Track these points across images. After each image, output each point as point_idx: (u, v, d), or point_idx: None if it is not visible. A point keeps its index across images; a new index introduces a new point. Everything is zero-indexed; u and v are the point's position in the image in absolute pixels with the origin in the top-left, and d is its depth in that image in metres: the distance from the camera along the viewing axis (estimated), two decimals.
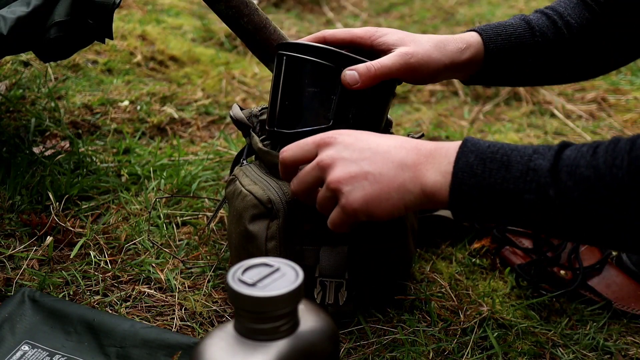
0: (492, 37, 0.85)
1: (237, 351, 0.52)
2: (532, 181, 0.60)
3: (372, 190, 0.67)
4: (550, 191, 0.59)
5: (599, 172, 0.58)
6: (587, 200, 0.58)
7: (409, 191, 0.66)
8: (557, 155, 0.61)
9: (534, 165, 0.61)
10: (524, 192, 0.60)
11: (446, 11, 2.10)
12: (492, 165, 0.62)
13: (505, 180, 0.61)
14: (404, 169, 0.66)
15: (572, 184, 0.59)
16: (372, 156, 0.68)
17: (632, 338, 0.88)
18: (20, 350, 0.76)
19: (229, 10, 0.93)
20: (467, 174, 0.63)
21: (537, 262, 0.96)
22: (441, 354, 0.83)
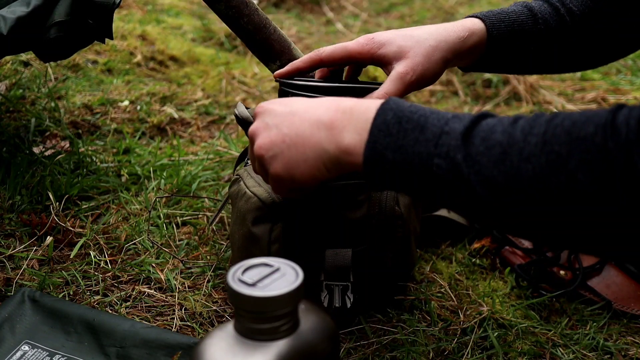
0: (495, 23, 0.83)
1: (237, 351, 0.52)
2: (443, 144, 0.56)
3: (290, 153, 0.65)
4: (459, 155, 0.55)
5: (513, 138, 0.53)
6: (496, 168, 0.53)
7: (325, 150, 0.63)
8: (476, 120, 0.56)
9: (449, 128, 0.56)
10: (434, 155, 0.56)
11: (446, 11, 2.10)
12: (407, 125, 0.58)
13: (418, 142, 0.57)
14: (319, 127, 0.63)
15: (482, 149, 0.54)
16: (291, 118, 0.65)
17: (632, 338, 0.88)
18: (20, 350, 0.76)
19: (229, 10, 0.93)
20: (383, 132, 0.59)
21: (537, 262, 0.96)
22: (441, 354, 0.83)
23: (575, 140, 0.51)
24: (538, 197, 0.52)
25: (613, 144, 0.49)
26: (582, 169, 0.50)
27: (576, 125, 0.51)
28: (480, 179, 0.54)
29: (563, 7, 0.86)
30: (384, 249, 0.85)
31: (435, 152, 0.56)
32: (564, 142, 0.51)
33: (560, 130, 0.52)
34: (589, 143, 0.50)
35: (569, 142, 0.51)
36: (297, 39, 1.83)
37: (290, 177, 0.65)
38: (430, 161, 0.56)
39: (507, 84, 1.58)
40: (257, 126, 0.68)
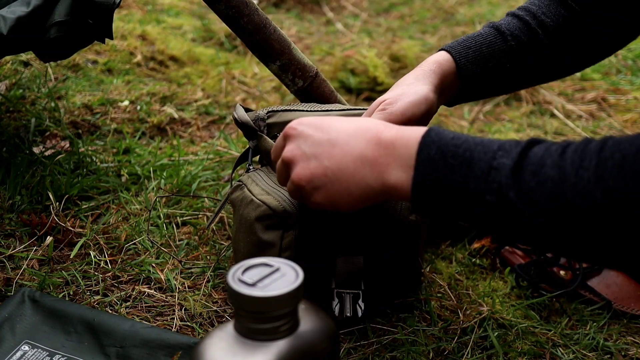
0: (461, 51, 0.83)
1: (237, 351, 0.52)
2: (493, 181, 0.56)
3: (333, 187, 0.64)
4: (511, 193, 0.55)
5: (565, 173, 0.53)
6: (550, 204, 0.54)
7: (370, 187, 0.63)
8: (523, 153, 0.56)
9: (497, 163, 0.56)
10: (485, 192, 0.56)
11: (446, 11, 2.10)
12: (454, 161, 0.58)
13: (467, 179, 0.57)
14: (364, 163, 0.63)
15: (534, 185, 0.54)
16: (331, 149, 0.65)
17: (632, 338, 0.88)
18: (20, 350, 0.76)
19: (229, 10, 0.93)
20: (429, 169, 0.59)
21: (537, 262, 0.96)
22: (441, 353, 0.83)
23: (628, 174, 0.51)
24: (593, 228, 0.53)
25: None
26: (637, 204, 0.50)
27: (627, 158, 0.51)
28: (535, 216, 0.54)
29: (534, 20, 0.86)
30: (396, 256, 0.85)
31: (485, 189, 0.56)
32: (617, 177, 0.51)
33: (612, 164, 0.52)
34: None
35: (621, 177, 0.51)
36: (297, 39, 1.83)
37: (332, 206, 0.66)
38: (481, 198, 0.57)
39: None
40: (293, 153, 0.67)
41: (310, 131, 0.67)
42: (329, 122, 0.67)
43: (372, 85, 1.55)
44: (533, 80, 0.92)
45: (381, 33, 1.92)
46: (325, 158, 0.65)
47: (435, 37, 1.89)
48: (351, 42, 1.83)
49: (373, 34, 1.91)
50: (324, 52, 1.73)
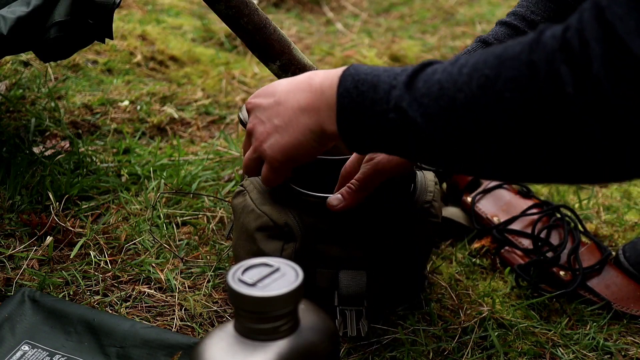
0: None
1: (237, 351, 0.52)
2: (392, 98, 0.57)
3: (285, 141, 0.68)
4: (404, 102, 0.56)
5: (451, 74, 0.54)
6: (436, 104, 0.54)
7: (313, 132, 0.66)
8: (421, 67, 0.57)
9: (396, 82, 0.57)
10: (388, 111, 0.57)
11: (446, 11, 2.10)
12: (363, 87, 0.60)
13: (374, 102, 0.58)
14: (302, 111, 0.66)
15: (424, 91, 0.55)
16: (277, 107, 0.69)
17: (632, 338, 0.88)
18: (20, 350, 0.76)
19: (229, 10, 0.93)
20: (346, 100, 0.61)
21: (537, 262, 0.96)
22: (441, 353, 0.83)
23: (503, 62, 0.51)
24: (473, 124, 0.52)
25: (537, 56, 0.49)
26: (508, 87, 0.50)
27: (506, 48, 0.51)
28: (426, 118, 0.55)
29: (523, 22, 0.86)
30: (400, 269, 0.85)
31: (388, 108, 0.57)
32: (492, 66, 0.51)
33: (491, 56, 0.52)
34: (515, 61, 0.50)
35: (497, 65, 0.51)
36: (297, 39, 1.83)
37: (289, 159, 0.69)
38: (386, 117, 0.57)
39: None
40: (252, 123, 0.72)
41: (262, 100, 0.72)
42: (274, 86, 0.72)
43: None
44: None
45: (381, 33, 1.92)
46: (274, 117, 0.69)
47: (435, 37, 1.89)
48: (351, 42, 1.83)
49: (373, 34, 1.91)
50: (324, 52, 1.73)
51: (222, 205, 1.06)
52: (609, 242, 1.06)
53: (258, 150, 0.71)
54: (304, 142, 0.67)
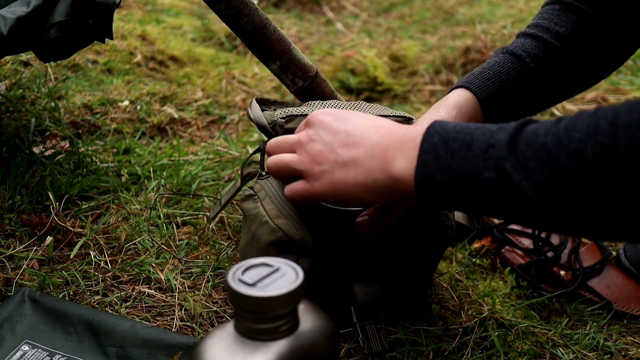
0: (480, 85, 0.81)
1: (237, 351, 0.52)
2: (491, 158, 0.56)
3: (340, 174, 0.66)
4: (507, 165, 0.55)
5: (558, 137, 0.53)
6: (545, 170, 0.53)
7: (377, 179, 0.64)
8: (519, 127, 0.56)
9: (494, 140, 0.56)
10: (483, 170, 0.56)
11: (446, 11, 2.10)
12: (454, 144, 0.58)
13: (466, 159, 0.57)
14: (373, 155, 0.64)
15: (530, 154, 0.54)
16: (346, 139, 0.66)
17: (632, 338, 0.88)
18: (20, 350, 0.76)
19: (229, 10, 0.93)
20: (430, 155, 0.60)
21: (537, 262, 0.96)
22: (441, 354, 0.83)
23: (620, 129, 0.50)
24: (590, 191, 0.52)
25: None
26: (630, 156, 0.49)
27: (620, 115, 0.51)
28: (532, 184, 0.54)
29: (548, 33, 0.83)
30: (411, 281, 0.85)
31: (484, 167, 0.56)
32: (608, 133, 0.50)
33: (604, 122, 0.51)
34: (634, 130, 0.49)
35: (613, 132, 0.50)
36: (297, 39, 1.83)
37: (335, 194, 0.67)
38: (480, 176, 0.56)
39: None
40: (310, 137, 0.69)
41: (331, 120, 0.69)
42: (349, 115, 0.69)
43: (372, 85, 1.55)
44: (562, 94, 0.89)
45: (381, 33, 1.92)
46: (338, 146, 0.66)
47: (435, 37, 1.89)
48: (351, 42, 1.83)
49: (373, 34, 1.91)
50: (324, 52, 1.73)
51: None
52: (609, 242, 1.06)
53: (307, 169, 0.68)
54: (361, 186, 0.65)
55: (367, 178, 0.64)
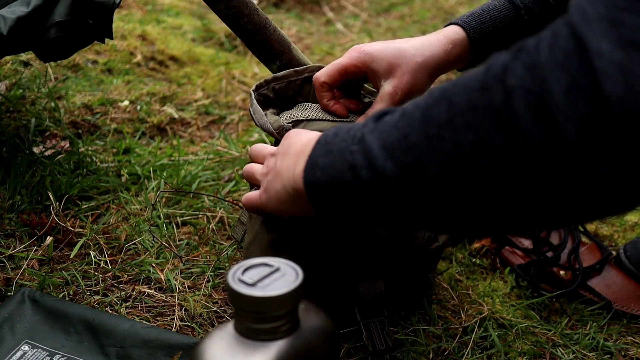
0: (475, 27, 0.83)
1: (237, 351, 0.52)
2: (359, 132, 0.55)
3: (271, 185, 0.67)
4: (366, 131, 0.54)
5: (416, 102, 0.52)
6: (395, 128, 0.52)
7: (285, 185, 0.64)
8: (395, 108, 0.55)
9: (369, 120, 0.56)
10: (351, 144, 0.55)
11: (446, 11, 2.10)
12: (340, 131, 0.58)
13: (343, 140, 0.57)
14: (290, 162, 0.64)
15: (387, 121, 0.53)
16: (285, 150, 0.66)
17: (632, 338, 0.88)
18: (20, 350, 0.76)
19: (229, 10, 0.93)
20: (320, 144, 0.59)
21: (537, 262, 0.96)
22: (441, 354, 0.83)
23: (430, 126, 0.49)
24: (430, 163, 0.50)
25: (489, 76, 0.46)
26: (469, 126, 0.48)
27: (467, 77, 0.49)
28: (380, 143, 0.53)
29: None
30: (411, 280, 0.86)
31: (352, 142, 0.55)
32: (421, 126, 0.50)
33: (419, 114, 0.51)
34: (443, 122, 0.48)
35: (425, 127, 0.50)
36: (297, 39, 1.83)
37: (270, 206, 0.68)
38: (346, 151, 0.55)
39: None
40: (271, 150, 0.71)
41: (292, 134, 0.69)
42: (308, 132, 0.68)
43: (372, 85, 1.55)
44: None
45: (381, 33, 1.92)
46: (280, 157, 0.67)
47: None
48: (351, 42, 1.83)
49: (373, 34, 1.91)
50: (324, 52, 1.73)
51: (222, 205, 1.06)
52: (609, 242, 1.06)
53: (261, 179, 0.70)
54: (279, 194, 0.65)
55: (280, 186, 0.65)
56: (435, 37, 0.82)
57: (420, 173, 0.50)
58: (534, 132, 0.43)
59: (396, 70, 0.80)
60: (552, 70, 0.42)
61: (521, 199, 0.48)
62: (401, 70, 0.80)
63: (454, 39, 0.82)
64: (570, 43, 0.42)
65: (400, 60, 0.80)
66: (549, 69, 0.43)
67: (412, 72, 0.80)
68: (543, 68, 0.43)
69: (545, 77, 0.43)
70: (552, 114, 0.42)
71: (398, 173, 0.51)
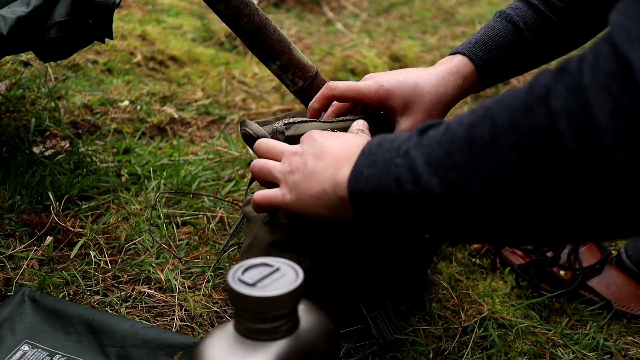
0: (482, 57, 0.85)
1: (237, 351, 0.52)
2: (404, 145, 0.56)
3: (304, 186, 0.67)
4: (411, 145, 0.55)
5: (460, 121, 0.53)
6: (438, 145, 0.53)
7: (325, 189, 0.64)
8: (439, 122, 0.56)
9: (413, 133, 0.57)
10: (396, 157, 0.56)
11: (446, 11, 2.10)
12: (384, 142, 0.59)
13: (387, 151, 0.58)
14: (329, 166, 0.64)
15: (432, 135, 0.54)
16: (318, 152, 0.67)
17: (632, 338, 0.88)
18: (20, 350, 0.76)
19: (229, 10, 0.93)
20: (364, 154, 0.60)
21: (537, 262, 0.96)
22: (441, 353, 0.83)
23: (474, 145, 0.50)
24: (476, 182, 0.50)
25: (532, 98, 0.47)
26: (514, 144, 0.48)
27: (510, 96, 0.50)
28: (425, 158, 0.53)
29: (547, 7, 0.86)
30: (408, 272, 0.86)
31: (397, 154, 0.56)
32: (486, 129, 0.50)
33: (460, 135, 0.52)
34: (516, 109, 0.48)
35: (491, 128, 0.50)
36: (297, 39, 1.83)
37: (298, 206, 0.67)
38: (391, 163, 0.56)
39: (506, 83, 1.58)
40: (297, 149, 0.71)
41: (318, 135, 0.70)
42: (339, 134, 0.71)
43: None
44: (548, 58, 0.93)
45: (381, 33, 1.92)
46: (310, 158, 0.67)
47: (435, 37, 1.89)
48: (351, 42, 1.83)
49: (373, 34, 1.91)
50: (324, 52, 1.73)
51: (222, 205, 1.07)
52: (608, 242, 1.06)
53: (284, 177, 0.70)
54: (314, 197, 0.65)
55: (319, 189, 0.65)
56: (447, 71, 0.84)
57: (465, 190, 0.51)
58: (579, 154, 0.43)
59: (412, 108, 0.82)
60: (596, 93, 0.42)
61: (563, 216, 0.48)
62: (417, 108, 0.82)
63: (464, 73, 0.84)
64: (614, 64, 0.42)
65: (415, 99, 0.82)
66: (592, 92, 0.42)
67: (427, 110, 0.82)
68: (586, 91, 0.43)
69: (588, 100, 0.42)
70: (598, 137, 0.42)
71: (443, 190, 0.52)
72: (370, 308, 0.81)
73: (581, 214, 0.47)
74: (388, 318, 0.81)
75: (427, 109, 0.82)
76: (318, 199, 0.65)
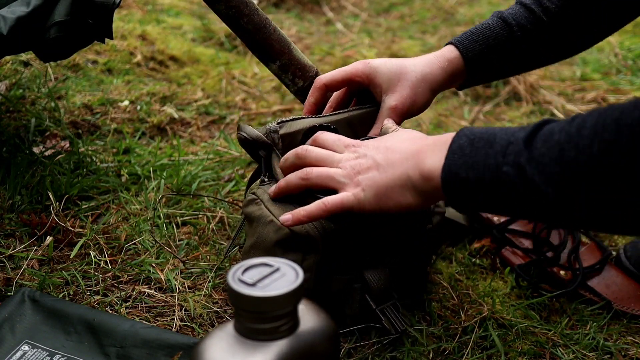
0: (468, 46, 0.88)
1: (237, 351, 0.52)
2: (510, 153, 0.60)
3: (380, 178, 0.70)
4: (522, 159, 0.58)
5: (570, 135, 0.56)
6: (558, 166, 0.56)
7: (410, 177, 0.68)
8: (538, 126, 0.60)
9: (514, 138, 0.60)
10: (503, 164, 0.60)
11: (446, 11, 2.10)
12: (478, 143, 0.63)
13: (488, 156, 0.61)
14: (407, 157, 0.69)
15: (544, 150, 0.58)
16: (386, 149, 0.72)
17: (632, 338, 0.88)
18: (20, 350, 0.76)
19: (229, 10, 0.93)
20: (457, 154, 0.64)
21: (537, 262, 0.96)
22: (441, 353, 0.83)
23: (623, 127, 0.53)
24: (596, 186, 0.54)
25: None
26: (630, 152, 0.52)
27: (624, 112, 0.53)
28: (544, 178, 0.57)
29: (539, 7, 0.89)
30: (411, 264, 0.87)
31: (503, 162, 0.60)
32: (612, 130, 0.53)
33: (610, 120, 0.54)
34: (635, 127, 0.52)
35: (617, 129, 0.53)
36: (297, 39, 1.83)
37: (376, 199, 0.70)
38: (499, 170, 0.60)
39: (507, 84, 1.58)
40: (352, 155, 0.74)
41: (367, 142, 0.75)
42: (388, 137, 0.75)
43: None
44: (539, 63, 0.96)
45: (381, 33, 1.92)
46: (379, 156, 0.72)
47: (435, 37, 1.89)
48: (351, 42, 1.83)
49: (373, 34, 1.91)
50: (324, 52, 1.73)
51: (222, 205, 1.07)
52: (609, 242, 1.06)
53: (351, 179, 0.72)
54: (397, 188, 0.69)
55: (402, 177, 0.68)
56: (433, 55, 0.88)
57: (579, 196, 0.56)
58: None
59: (397, 84, 0.85)
60: None
61: None
62: (402, 85, 0.85)
63: (449, 57, 0.88)
64: None
65: (400, 76, 0.85)
66: None
67: (412, 86, 0.85)
68: None
69: None
70: None
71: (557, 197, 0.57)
72: (377, 302, 0.81)
73: None
74: (396, 309, 0.82)
75: (412, 86, 0.85)
76: (402, 187, 0.68)
